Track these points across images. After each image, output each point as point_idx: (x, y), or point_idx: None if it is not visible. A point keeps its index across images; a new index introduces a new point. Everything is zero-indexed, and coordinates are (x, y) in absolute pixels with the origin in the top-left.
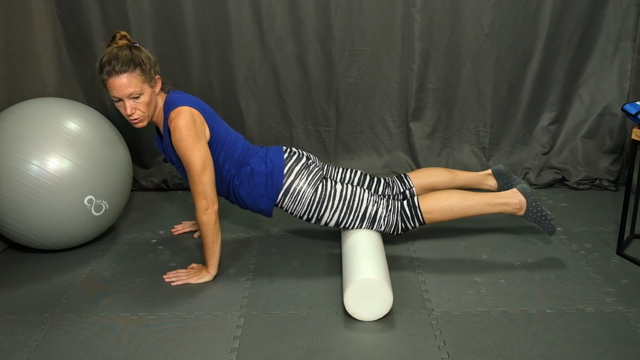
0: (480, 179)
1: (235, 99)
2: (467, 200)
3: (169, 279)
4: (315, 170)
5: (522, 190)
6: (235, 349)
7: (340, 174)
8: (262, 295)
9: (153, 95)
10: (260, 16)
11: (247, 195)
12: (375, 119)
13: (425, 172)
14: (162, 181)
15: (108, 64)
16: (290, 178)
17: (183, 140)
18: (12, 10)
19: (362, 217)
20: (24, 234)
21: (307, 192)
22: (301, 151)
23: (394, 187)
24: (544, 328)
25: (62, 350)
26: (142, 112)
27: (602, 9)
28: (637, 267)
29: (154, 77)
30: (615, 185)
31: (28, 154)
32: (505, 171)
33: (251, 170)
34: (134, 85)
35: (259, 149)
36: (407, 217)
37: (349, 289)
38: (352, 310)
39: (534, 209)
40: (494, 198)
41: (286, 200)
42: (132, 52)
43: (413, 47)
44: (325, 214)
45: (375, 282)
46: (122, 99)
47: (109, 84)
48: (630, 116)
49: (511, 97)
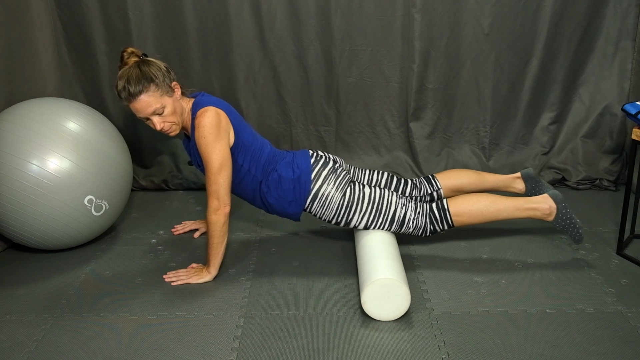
0: (509, 182)
1: (235, 99)
2: (497, 204)
3: (169, 279)
4: (342, 174)
5: (553, 196)
6: (235, 349)
7: (368, 176)
8: (262, 295)
9: (175, 102)
10: (260, 16)
11: (275, 201)
12: (375, 118)
13: (453, 174)
14: (162, 181)
15: (123, 90)
16: (318, 183)
17: (205, 138)
18: (12, 10)
19: (391, 220)
20: (24, 234)
21: (335, 197)
22: (327, 155)
23: (421, 188)
24: (544, 328)
25: (62, 350)
26: (171, 122)
27: (602, 9)
28: (637, 267)
29: (171, 85)
30: (615, 185)
31: (28, 154)
32: (534, 175)
33: (278, 176)
34: (154, 103)
35: (286, 154)
36: (436, 220)
37: (378, 279)
38: (365, 299)
39: (563, 215)
40: (524, 203)
41: (314, 205)
42: (142, 70)
43: (413, 47)
44: (354, 218)
45: (402, 291)
46: (148, 118)
47: (131, 108)
48: (630, 116)
49: (511, 97)
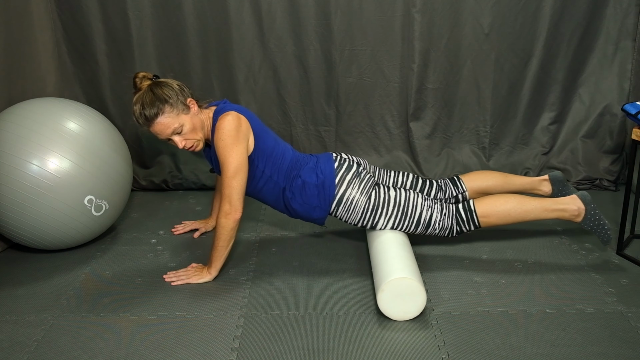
0: (535, 184)
1: (235, 99)
2: (525, 205)
3: (169, 279)
4: (366, 177)
5: (582, 197)
6: (235, 349)
7: (393, 178)
8: (262, 295)
9: (194, 118)
10: (260, 16)
11: (299, 207)
12: (375, 118)
13: (479, 176)
14: (162, 181)
15: (140, 116)
16: (342, 188)
17: (223, 140)
18: (12, 10)
19: (417, 222)
20: (24, 234)
21: (360, 201)
22: (351, 157)
23: (446, 190)
24: (544, 328)
25: (62, 350)
26: (193, 139)
27: (602, 9)
28: (637, 267)
29: (186, 102)
30: (615, 185)
31: (28, 154)
32: (562, 178)
33: (302, 182)
34: (171, 123)
35: (309, 159)
36: (462, 221)
37: (407, 278)
38: (384, 287)
39: (592, 217)
40: (552, 204)
41: (340, 209)
42: (155, 93)
43: (413, 47)
44: (380, 221)
45: (419, 301)
46: (170, 138)
47: (151, 132)
48: (630, 116)
49: (511, 97)
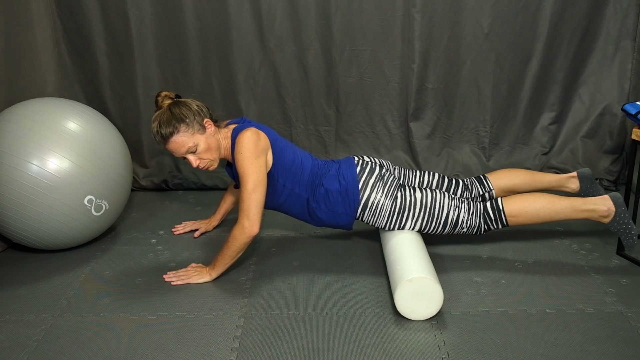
0: (563, 181)
1: (235, 99)
2: (554, 205)
3: (169, 279)
4: (390, 179)
5: (614, 198)
6: (235, 349)
7: (418, 179)
8: (262, 295)
9: (209, 139)
10: (260, 16)
11: (325, 215)
12: (375, 118)
13: (505, 174)
14: (162, 181)
15: (157, 134)
16: (366, 193)
17: (242, 154)
18: (12, 10)
19: (445, 222)
20: (24, 234)
21: (385, 204)
22: (373, 160)
23: (472, 189)
24: (544, 328)
25: (62, 350)
26: (207, 159)
27: (602, 9)
28: (637, 267)
29: (202, 123)
30: (615, 185)
31: (28, 154)
32: (591, 175)
33: (326, 190)
34: (186, 142)
35: (331, 165)
36: (490, 220)
37: (431, 279)
38: (404, 283)
39: (621, 220)
40: (582, 204)
41: (366, 214)
42: (172, 112)
43: (413, 47)
44: (407, 223)
45: (438, 298)
46: (185, 157)
47: (166, 149)
48: (630, 116)
49: (511, 97)
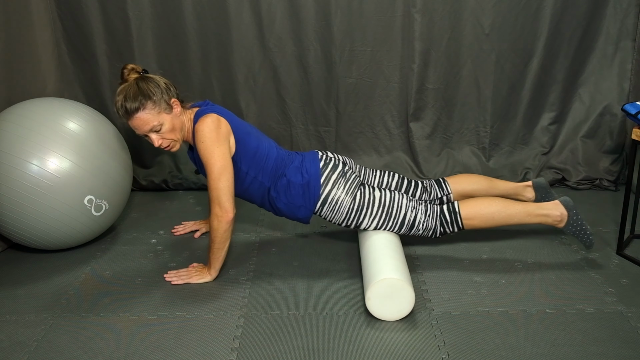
0: (519, 190)
1: (235, 99)
2: (508, 209)
3: (169, 279)
4: (352, 177)
5: (564, 203)
6: (235, 349)
7: (378, 179)
8: (262, 295)
9: (175, 119)
10: (260, 16)
11: (284, 206)
12: (375, 119)
13: (464, 179)
14: (162, 181)
15: (121, 107)
16: (327, 188)
17: (203, 142)
18: (12, 10)
19: (401, 223)
20: (24, 234)
21: (345, 201)
22: (337, 156)
23: (431, 192)
24: (544, 328)
25: (62, 350)
26: (170, 139)
27: (602, 9)
28: (637, 267)
29: (169, 102)
30: (615, 185)
31: (28, 154)
32: (546, 185)
33: (287, 181)
34: (151, 120)
35: (294, 157)
36: (447, 222)
37: (386, 279)
38: (369, 295)
39: (574, 222)
40: (535, 209)
41: (324, 209)
42: (139, 86)
43: (413, 47)
44: (364, 221)
45: (407, 294)
46: (147, 135)
47: (129, 125)
48: (630, 116)
49: (511, 97)
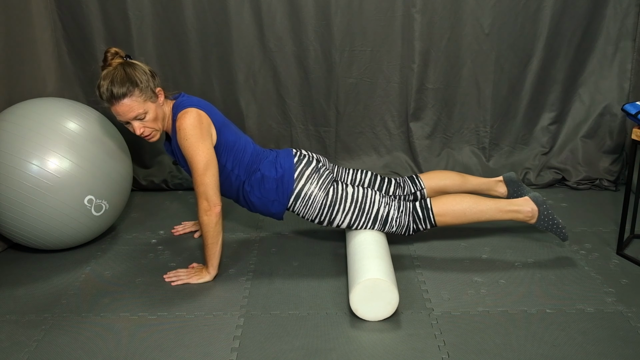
0: (491, 185)
1: (235, 99)
2: (479, 205)
3: (169, 279)
4: (325, 173)
5: (534, 199)
6: (235, 349)
7: (351, 176)
8: (262, 295)
9: (158, 108)
10: (260, 16)
11: (257, 200)
12: (375, 119)
13: (437, 175)
14: (162, 181)
15: (106, 91)
16: (300, 183)
17: (187, 139)
18: (12, 10)
19: (374, 219)
20: (24, 234)
21: (318, 196)
22: (311, 154)
23: (405, 187)
24: (544, 328)
25: (62, 350)
26: (152, 128)
27: (602, 9)
28: (637, 267)
29: (155, 90)
30: (615, 185)
31: (28, 154)
32: (517, 179)
33: (261, 175)
34: (136, 108)
35: (269, 153)
36: (419, 219)
37: (356, 286)
38: (355, 307)
39: (545, 217)
40: (506, 205)
41: (297, 204)
42: (127, 72)
43: (413, 47)
44: (337, 217)
45: (384, 284)
46: (129, 122)
47: (112, 111)
48: (630, 116)
49: (511, 97)
